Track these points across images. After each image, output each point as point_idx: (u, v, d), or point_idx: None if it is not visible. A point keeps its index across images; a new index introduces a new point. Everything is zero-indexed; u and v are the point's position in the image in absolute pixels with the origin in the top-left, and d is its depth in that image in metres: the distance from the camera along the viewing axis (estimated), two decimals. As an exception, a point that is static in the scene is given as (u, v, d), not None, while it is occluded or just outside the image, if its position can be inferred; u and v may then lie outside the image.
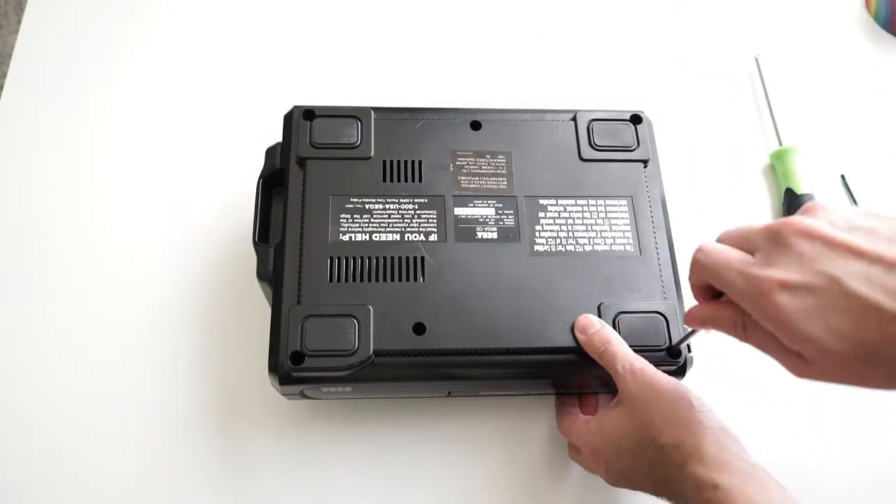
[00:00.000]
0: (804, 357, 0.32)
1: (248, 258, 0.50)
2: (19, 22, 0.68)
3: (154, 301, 0.56)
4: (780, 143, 0.64)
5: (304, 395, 0.48)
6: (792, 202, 0.61)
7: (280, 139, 0.53)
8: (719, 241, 0.38)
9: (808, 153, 0.64)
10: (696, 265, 0.37)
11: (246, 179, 0.56)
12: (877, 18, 0.74)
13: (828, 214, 0.33)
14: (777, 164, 0.64)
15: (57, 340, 0.54)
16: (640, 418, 0.42)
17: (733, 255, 0.35)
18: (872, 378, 0.31)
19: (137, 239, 0.59)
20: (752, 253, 0.35)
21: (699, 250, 0.37)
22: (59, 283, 0.56)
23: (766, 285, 0.32)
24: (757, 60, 0.69)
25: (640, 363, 0.43)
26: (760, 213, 0.63)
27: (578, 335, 0.46)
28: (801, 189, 0.61)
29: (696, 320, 0.40)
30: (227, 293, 0.56)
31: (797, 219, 0.33)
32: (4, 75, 0.66)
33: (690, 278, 0.39)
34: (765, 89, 0.68)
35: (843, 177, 0.65)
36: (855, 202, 0.63)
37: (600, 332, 0.46)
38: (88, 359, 0.54)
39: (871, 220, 0.32)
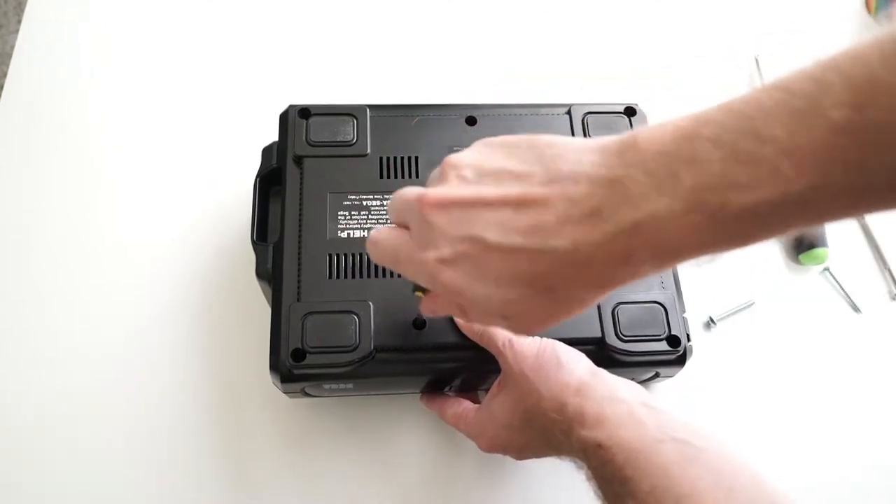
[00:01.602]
0: (506, 317, 0.32)
1: (247, 257, 0.50)
2: (19, 22, 0.68)
3: (152, 302, 0.56)
4: (780, 143, 0.64)
5: (305, 393, 0.48)
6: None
7: (276, 138, 0.53)
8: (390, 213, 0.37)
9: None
10: (374, 258, 0.37)
11: (243, 179, 0.55)
12: (877, 18, 0.74)
13: (458, 171, 0.32)
14: (777, 164, 0.64)
15: (55, 340, 0.54)
16: (521, 390, 0.41)
17: (398, 243, 0.34)
18: (557, 311, 0.31)
19: (136, 239, 0.58)
20: (409, 228, 0.34)
21: (369, 242, 0.37)
22: (58, 282, 0.56)
23: (430, 268, 0.31)
24: (757, 60, 0.69)
25: (517, 337, 0.43)
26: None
27: (457, 319, 0.46)
28: (801, 188, 0.61)
29: (428, 310, 0.38)
30: (226, 292, 0.56)
31: (429, 192, 0.32)
32: (4, 75, 0.66)
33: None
34: (765, 89, 0.67)
35: (843, 176, 0.65)
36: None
37: None
38: (87, 359, 0.54)
39: (500, 158, 0.31)
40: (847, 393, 0.55)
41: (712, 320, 0.57)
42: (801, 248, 0.59)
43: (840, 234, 0.61)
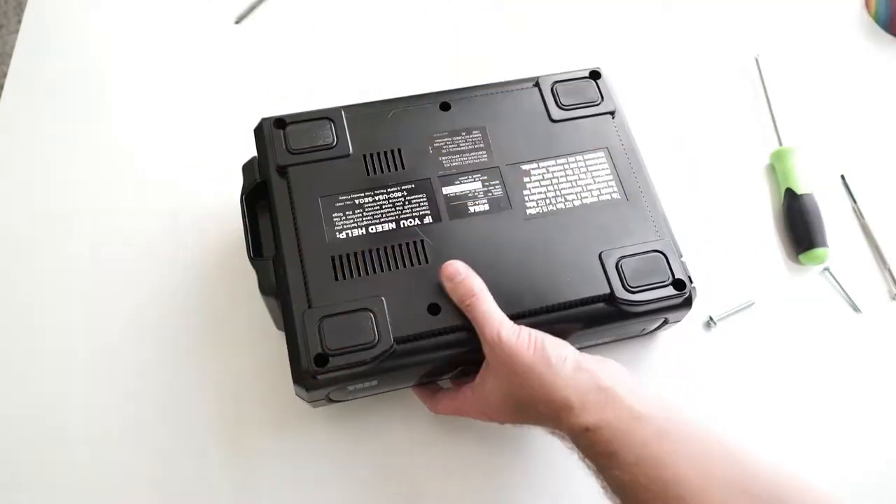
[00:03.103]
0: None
1: (243, 275, 0.50)
2: (19, 22, 0.68)
3: (154, 312, 0.56)
4: (780, 143, 0.64)
5: (329, 399, 0.48)
6: (792, 202, 0.61)
7: (252, 154, 0.53)
8: None
9: (808, 153, 0.64)
10: None
11: (231, 198, 0.53)
12: (877, 19, 0.74)
13: None
14: (777, 164, 0.64)
15: (54, 345, 0.54)
16: (511, 386, 0.43)
17: None
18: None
19: (135, 239, 0.58)
20: None
21: None
22: (57, 286, 0.56)
23: None
24: (757, 60, 0.69)
25: (505, 329, 0.44)
26: (760, 213, 0.63)
27: (445, 283, 0.46)
28: (800, 189, 0.61)
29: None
30: (223, 307, 0.56)
31: None
32: (4, 75, 0.66)
33: None
34: (765, 89, 0.67)
35: (842, 177, 0.65)
36: (855, 202, 0.63)
37: (465, 282, 0.46)
38: (88, 357, 0.54)
39: None
40: (847, 393, 0.55)
41: (712, 320, 0.57)
42: (801, 248, 0.59)
43: (840, 234, 0.61)
